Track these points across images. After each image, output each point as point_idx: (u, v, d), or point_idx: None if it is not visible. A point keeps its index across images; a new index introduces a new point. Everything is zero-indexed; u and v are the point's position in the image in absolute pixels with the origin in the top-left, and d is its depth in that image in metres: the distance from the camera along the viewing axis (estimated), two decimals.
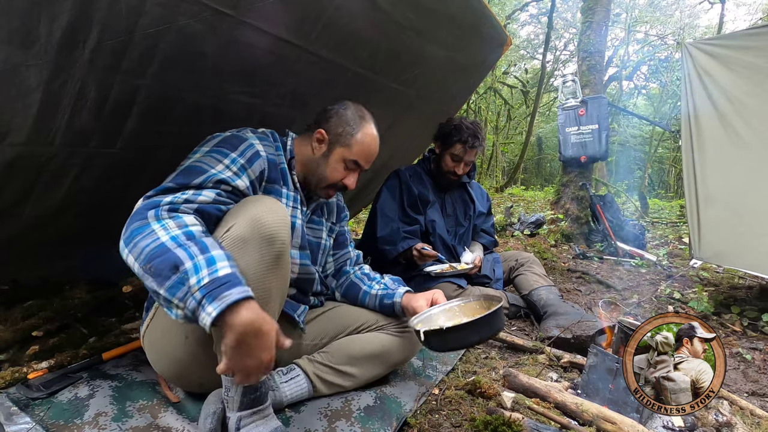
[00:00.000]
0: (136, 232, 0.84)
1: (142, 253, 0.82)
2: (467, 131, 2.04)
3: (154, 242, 0.82)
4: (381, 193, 2.14)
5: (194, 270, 0.79)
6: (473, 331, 1.04)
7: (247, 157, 1.08)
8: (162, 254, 0.81)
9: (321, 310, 1.41)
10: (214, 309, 0.76)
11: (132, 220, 0.87)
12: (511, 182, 11.05)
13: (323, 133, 1.25)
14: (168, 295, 0.79)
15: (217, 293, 0.77)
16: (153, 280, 0.81)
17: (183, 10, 1.11)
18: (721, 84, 2.37)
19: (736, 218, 2.32)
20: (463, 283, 2.03)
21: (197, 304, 0.77)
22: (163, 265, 0.80)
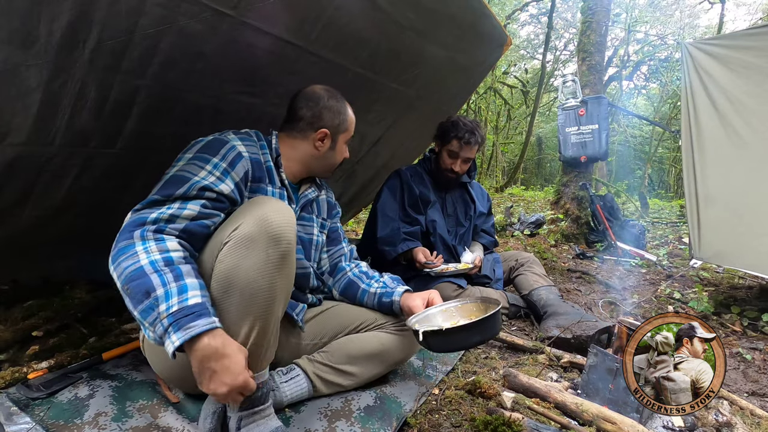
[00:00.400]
0: (121, 252, 0.88)
1: (123, 273, 0.86)
2: (464, 128, 2.04)
3: (134, 264, 0.86)
4: (381, 192, 2.14)
5: (165, 297, 0.84)
6: (473, 333, 1.05)
7: (229, 160, 1.09)
8: (138, 278, 0.85)
9: (320, 309, 1.41)
10: (177, 338, 0.81)
11: (120, 237, 0.91)
12: (511, 182, 11.05)
13: (326, 132, 1.28)
14: (140, 318, 0.85)
15: (183, 323, 0.82)
16: (129, 301, 0.86)
17: (183, 10, 1.11)
18: (721, 84, 2.37)
19: (736, 218, 2.32)
20: (463, 283, 2.03)
21: (164, 331, 0.82)
22: (138, 289, 0.84)
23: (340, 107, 1.31)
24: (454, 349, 1.30)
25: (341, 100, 1.32)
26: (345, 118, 1.32)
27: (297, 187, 1.35)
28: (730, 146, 2.34)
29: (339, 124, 1.31)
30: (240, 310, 0.91)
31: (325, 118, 1.28)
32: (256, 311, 0.92)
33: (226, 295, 0.91)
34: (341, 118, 1.31)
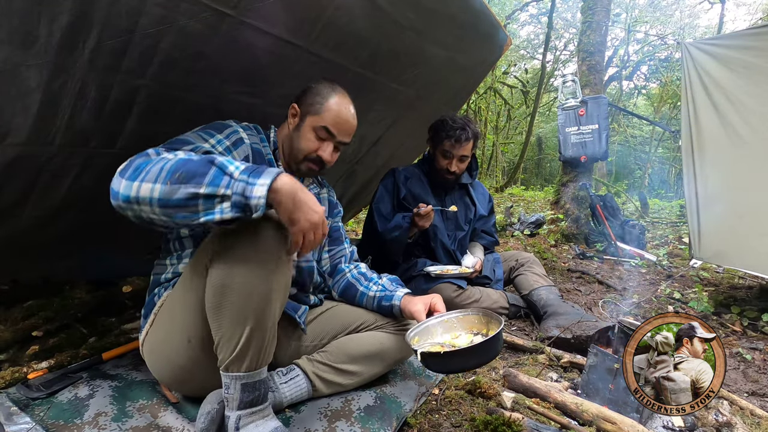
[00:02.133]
0: (144, 165, 0.83)
1: (163, 170, 0.81)
2: (453, 125, 2.01)
3: (172, 160, 0.83)
4: (377, 190, 2.14)
5: (227, 162, 0.83)
6: (472, 357, 1.02)
7: (232, 140, 1.11)
8: (187, 162, 0.82)
9: (320, 310, 1.41)
10: (265, 180, 0.81)
11: (127, 165, 0.85)
12: (511, 182, 11.05)
13: (296, 107, 1.26)
14: (211, 190, 0.79)
15: (260, 171, 0.82)
16: (188, 185, 0.79)
17: (183, 10, 1.11)
18: (721, 84, 2.37)
19: (736, 218, 2.32)
20: (463, 283, 2.03)
21: (245, 183, 0.80)
22: (196, 166, 0.81)
23: (323, 90, 1.25)
24: (452, 372, 1.27)
25: (335, 90, 1.27)
26: (322, 101, 1.24)
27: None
28: (730, 146, 2.34)
29: (311, 103, 1.24)
30: (237, 312, 0.91)
31: (303, 95, 1.27)
32: (254, 313, 0.92)
33: (222, 298, 0.90)
34: (316, 99, 1.24)
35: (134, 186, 0.80)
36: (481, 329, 1.19)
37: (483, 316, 1.20)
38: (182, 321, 1.04)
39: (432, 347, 1.13)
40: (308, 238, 0.88)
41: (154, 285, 1.20)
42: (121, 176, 0.83)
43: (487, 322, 1.18)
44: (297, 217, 0.86)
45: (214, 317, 0.93)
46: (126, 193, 0.81)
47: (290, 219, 0.86)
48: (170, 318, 1.08)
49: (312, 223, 0.87)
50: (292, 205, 0.85)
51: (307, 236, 0.88)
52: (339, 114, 1.24)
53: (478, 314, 1.21)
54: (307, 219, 0.86)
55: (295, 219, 0.86)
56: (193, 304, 0.99)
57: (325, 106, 1.23)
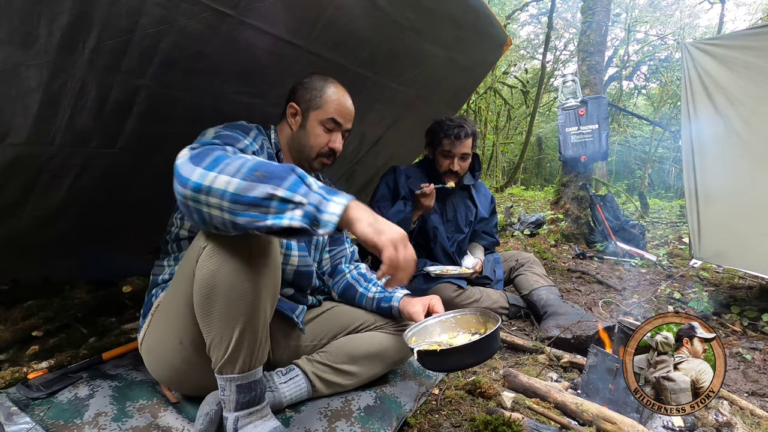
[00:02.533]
0: (224, 157, 0.82)
1: (243, 166, 0.79)
2: (450, 124, 2.00)
3: (253, 160, 0.82)
4: (378, 187, 2.13)
5: (305, 176, 0.82)
6: (467, 355, 1.01)
7: (259, 144, 1.12)
8: (270, 165, 0.80)
9: (320, 310, 1.41)
10: (342, 199, 0.80)
11: (203, 154, 0.83)
12: (511, 182, 11.04)
13: (294, 106, 1.26)
14: (288, 194, 0.77)
15: (334, 192, 0.81)
16: (267, 185, 0.77)
17: (183, 10, 1.11)
18: (721, 84, 2.37)
19: (736, 218, 2.32)
20: (462, 283, 2.03)
21: (321, 197, 0.79)
22: (278, 169, 0.79)
23: (317, 84, 1.25)
24: (448, 370, 1.26)
25: (327, 80, 1.27)
26: (319, 94, 1.24)
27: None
28: (730, 146, 2.34)
29: (310, 98, 1.25)
30: (226, 314, 0.90)
31: (298, 93, 1.27)
32: (243, 314, 0.91)
33: (210, 300, 0.90)
34: (314, 93, 1.24)
35: (210, 176, 0.78)
36: (479, 329, 1.18)
37: (480, 316, 1.20)
38: (175, 323, 1.04)
39: (429, 346, 1.13)
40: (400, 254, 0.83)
41: (153, 286, 1.20)
42: (195, 164, 0.81)
43: (485, 321, 1.18)
44: (383, 227, 0.82)
45: (203, 320, 0.93)
46: (199, 181, 0.78)
47: (378, 229, 0.82)
48: (165, 319, 1.08)
49: (399, 235, 0.83)
50: (373, 219, 0.82)
51: (399, 251, 0.83)
52: (340, 102, 1.26)
53: (475, 314, 1.21)
54: (393, 231, 0.83)
55: (382, 228, 0.82)
56: (183, 306, 0.99)
57: (324, 98, 1.24)
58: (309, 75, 1.30)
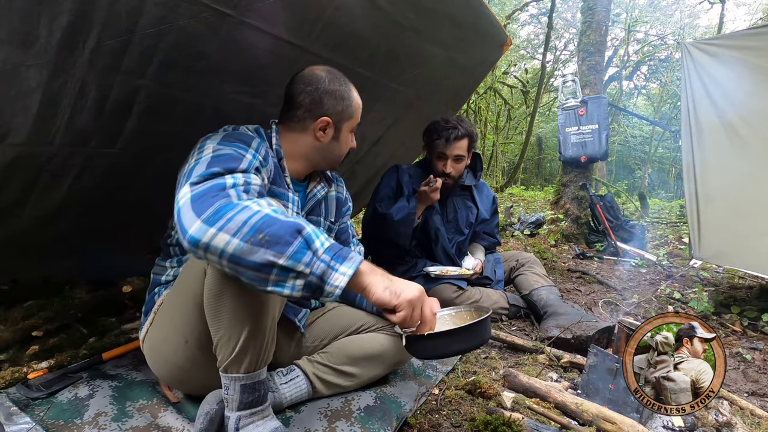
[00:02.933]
0: (226, 208, 0.75)
1: (246, 224, 0.74)
2: (444, 125, 1.98)
3: (258, 214, 0.75)
4: (380, 186, 2.12)
5: (314, 234, 0.77)
6: (455, 340, 0.99)
7: (262, 155, 1.05)
8: (275, 223, 0.75)
9: (321, 311, 1.41)
10: (349, 268, 0.77)
11: (204, 201, 0.77)
12: (511, 182, 11.03)
13: (328, 120, 1.16)
14: (290, 264, 0.73)
15: (343, 254, 0.78)
16: (268, 251, 0.73)
17: (183, 10, 1.11)
18: (721, 84, 2.37)
19: (736, 218, 2.32)
20: (463, 284, 2.03)
21: (327, 266, 0.75)
22: (283, 231, 0.74)
23: (344, 91, 1.17)
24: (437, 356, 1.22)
25: (345, 82, 1.19)
26: (350, 103, 1.18)
27: (305, 186, 1.29)
28: (730, 146, 2.34)
29: (343, 110, 1.17)
30: (235, 314, 0.91)
31: (326, 104, 1.15)
32: (252, 315, 0.91)
33: (220, 301, 0.90)
34: (345, 103, 1.17)
35: (210, 233, 0.73)
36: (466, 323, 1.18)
37: (475, 312, 1.19)
38: (180, 322, 1.04)
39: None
40: (416, 312, 0.84)
41: (155, 284, 1.20)
42: (196, 212, 0.75)
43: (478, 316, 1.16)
44: (400, 289, 0.81)
45: (212, 319, 0.93)
46: (198, 237, 0.74)
47: (394, 292, 0.81)
48: (168, 318, 1.08)
49: (417, 294, 0.83)
50: (389, 281, 0.81)
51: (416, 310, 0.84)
52: (360, 104, 1.24)
53: (470, 310, 1.21)
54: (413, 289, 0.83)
55: (398, 291, 0.81)
56: (191, 305, 0.99)
57: (353, 105, 1.20)
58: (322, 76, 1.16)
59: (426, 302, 0.86)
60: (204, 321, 0.95)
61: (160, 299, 1.14)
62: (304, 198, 1.29)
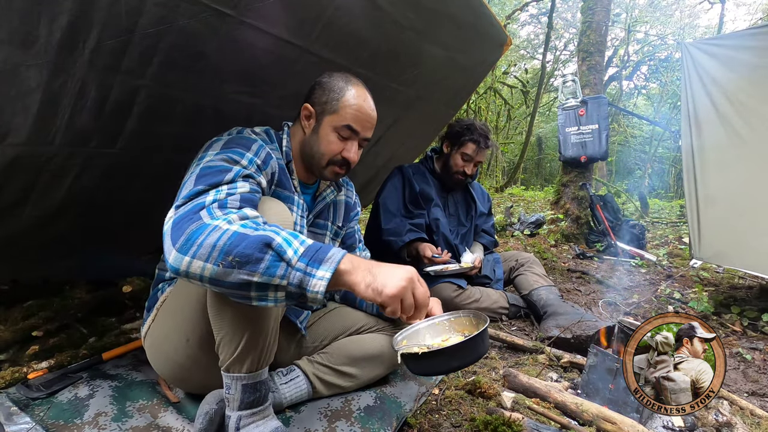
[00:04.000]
0: (196, 233, 0.75)
1: (215, 248, 0.73)
2: (480, 132, 2.08)
3: (225, 233, 0.74)
4: (384, 188, 2.14)
5: (286, 243, 0.75)
6: (451, 357, 0.96)
7: (262, 157, 1.03)
8: (242, 240, 0.73)
9: (322, 312, 1.41)
10: (326, 271, 0.74)
11: (181, 227, 0.77)
12: (511, 182, 11.04)
13: (309, 107, 1.15)
14: (265, 279, 0.73)
15: (320, 257, 0.76)
16: (241, 271, 0.73)
17: (183, 10, 1.11)
18: (721, 84, 2.37)
19: (736, 218, 2.32)
20: (463, 283, 2.03)
21: (303, 274, 0.74)
22: (250, 249, 0.73)
23: (336, 85, 1.14)
24: (433, 374, 1.20)
25: (349, 81, 1.16)
26: (337, 97, 1.13)
27: (314, 189, 1.28)
28: (730, 146, 2.34)
29: (326, 101, 1.13)
30: (239, 314, 0.91)
31: (314, 93, 1.16)
32: (255, 315, 0.92)
33: (224, 300, 0.90)
34: (331, 95, 1.13)
35: (185, 261, 0.74)
36: (473, 331, 1.13)
37: (473, 318, 1.16)
38: (182, 320, 1.04)
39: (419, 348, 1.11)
40: (406, 303, 0.81)
41: (158, 280, 1.20)
42: (173, 243, 0.76)
43: (477, 323, 1.14)
44: (382, 284, 0.78)
45: (215, 318, 0.93)
46: (176, 265, 0.75)
47: (376, 289, 0.78)
48: (170, 316, 1.08)
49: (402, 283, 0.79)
50: (371, 277, 0.78)
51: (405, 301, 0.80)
52: (360, 109, 1.14)
53: (468, 316, 1.17)
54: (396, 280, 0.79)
55: (380, 287, 0.78)
56: (194, 304, 0.99)
57: (342, 102, 1.13)
58: (330, 73, 1.19)
59: (417, 288, 0.82)
60: (206, 320, 0.96)
61: (163, 296, 1.14)
62: (312, 201, 1.28)
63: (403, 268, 0.82)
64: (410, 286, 0.81)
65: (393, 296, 0.78)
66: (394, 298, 0.78)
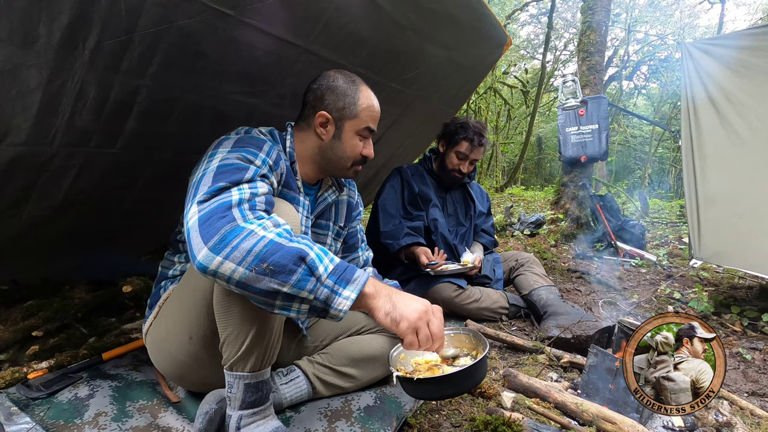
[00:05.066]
0: (231, 235, 0.76)
1: (251, 253, 0.75)
2: (473, 129, 2.08)
3: (262, 241, 0.76)
4: (383, 189, 2.15)
5: (318, 259, 0.78)
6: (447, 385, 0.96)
7: (273, 158, 1.03)
8: (279, 249, 0.76)
9: None
10: (352, 291, 0.79)
11: (212, 225, 0.78)
12: (511, 182, 11.04)
13: (326, 115, 1.15)
14: (295, 291, 0.76)
15: (347, 276, 0.80)
16: (273, 280, 0.75)
17: (183, 10, 1.11)
18: (721, 84, 2.37)
19: (736, 218, 2.32)
20: (463, 283, 2.03)
21: (330, 291, 0.78)
22: (285, 259, 0.75)
23: (348, 88, 1.16)
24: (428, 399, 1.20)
25: (354, 82, 1.18)
26: (353, 101, 1.15)
27: (316, 189, 1.29)
28: (730, 146, 2.34)
29: (344, 107, 1.15)
30: (245, 313, 0.91)
31: (326, 99, 1.15)
32: (261, 314, 0.92)
33: (230, 299, 0.90)
34: (347, 100, 1.15)
35: (216, 261, 0.75)
36: (471, 350, 1.14)
37: (473, 338, 1.15)
38: (185, 318, 1.04)
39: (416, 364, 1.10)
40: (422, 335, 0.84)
41: (161, 278, 1.20)
42: (203, 238, 0.77)
43: (476, 345, 1.13)
44: (401, 316, 0.82)
45: (221, 316, 0.93)
46: (206, 264, 0.76)
47: (394, 319, 0.82)
48: (173, 313, 1.09)
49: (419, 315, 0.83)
50: (391, 306, 0.83)
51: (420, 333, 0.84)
52: (373, 108, 1.19)
53: (469, 335, 1.16)
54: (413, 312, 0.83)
55: (398, 318, 0.82)
56: (198, 302, 1.00)
57: (359, 106, 1.16)
58: (332, 75, 1.18)
59: (431, 320, 0.86)
60: (209, 318, 0.96)
61: (166, 294, 1.14)
62: (314, 201, 1.29)
63: (419, 301, 0.86)
64: (425, 318, 0.85)
65: (408, 328, 0.83)
66: (410, 329, 0.83)
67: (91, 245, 1.69)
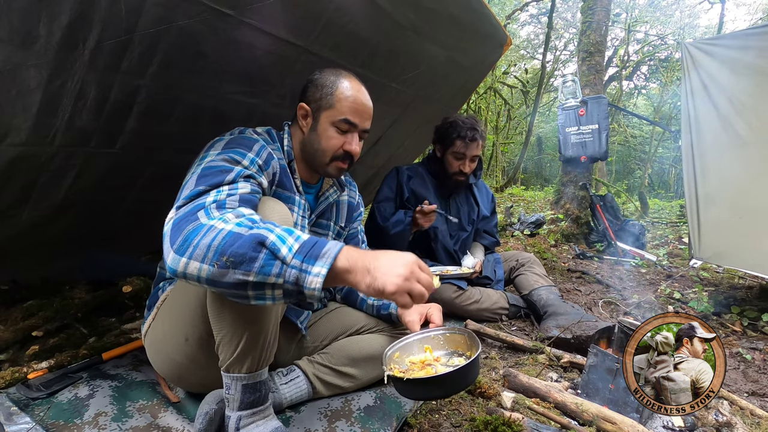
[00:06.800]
0: (193, 234, 0.74)
1: (210, 249, 0.72)
2: (464, 125, 2.01)
3: (220, 234, 0.74)
4: (380, 189, 2.13)
5: (280, 240, 0.74)
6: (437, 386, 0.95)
7: (264, 158, 1.02)
8: (237, 239, 0.73)
9: (323, 312, 1.41)
10: (322, 267, 0.73)
11: (179, 227, 0.77)
12: (511, 182, 11.04)
13: (304, 106, 1.15)
14: (261, 278, 0.72)
15: (315, 252, 0.74)
16: (237, 271, 0.72)
17: (183, 10, 1.11)
18: (721, 84, 2.37)
19: (736, 218, 2.32)
20: (463, 284, 2.03)
21: (299, 271, 0.72)
22: (244, 248, 0.72)
23: (327, 80, 1.14)
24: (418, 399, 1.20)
25: (339, 75, 1.15)
26: (330, 92, 1.12)
27: (317, 188, 1.28)
28: (730, 146, 2.34)
29: (321, 97, 1.12)
30: (239, 314, 0.91)
31: (308, 91, 1.15)
32: (255, 315, 0.92)
33: (223, 300, 0.90)
34: (324, 91, 1.12)
35: (182, 262, 0.74)
36: (466, 351, 1.14)
37: (468, 338, 1.14)
38: (181, 320, 1.04)
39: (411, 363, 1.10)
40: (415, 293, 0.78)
41: (160, 279, 1.20)
42: (171, 244, 0.76)
43: (470, 346, 1.12)
44: (383, 285, 0.76)
45: (215, 318, 0.93)
46: (174, 266, 0.75)
47: (377, 289, 0.76)
48: (170, 315, 1.09)
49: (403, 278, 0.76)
50: (370, 277, 0.76)
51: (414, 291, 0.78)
52: (355, 100, 1.13)
53: (464, 335, 1.15)
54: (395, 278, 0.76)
55: (381, 287, 0.76)
56: (193, 303, 1.00)
57: (337, 96, 1.12)
58: (321, 70, 1.18)
59: (419, 276, 0.79)
60: (205, 320, 0.96)
61: (163, 295, 1.14)
62: (314, 201, 1.28)
63: (400, 261, 0.79)
64: (413, 277, 0.78)
65: (396, 294, 0.77)
66: (398, 294, 0.77)
67: (91, 245, 1.69)
